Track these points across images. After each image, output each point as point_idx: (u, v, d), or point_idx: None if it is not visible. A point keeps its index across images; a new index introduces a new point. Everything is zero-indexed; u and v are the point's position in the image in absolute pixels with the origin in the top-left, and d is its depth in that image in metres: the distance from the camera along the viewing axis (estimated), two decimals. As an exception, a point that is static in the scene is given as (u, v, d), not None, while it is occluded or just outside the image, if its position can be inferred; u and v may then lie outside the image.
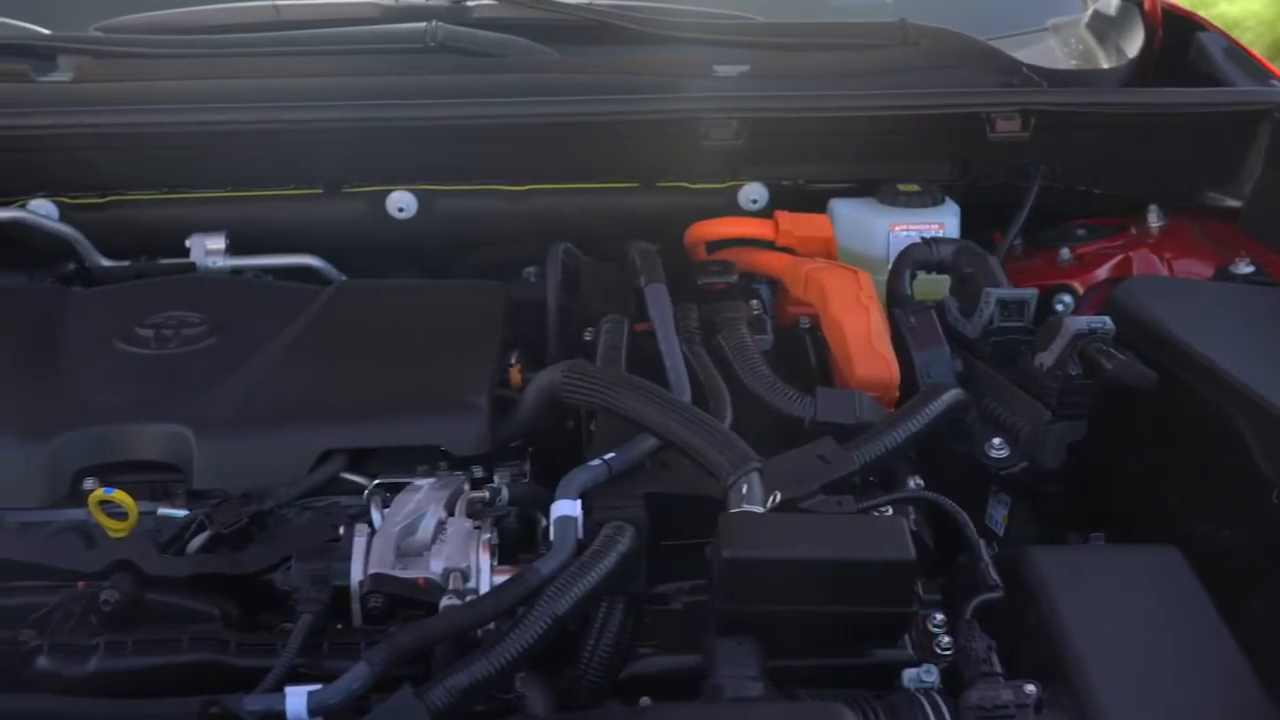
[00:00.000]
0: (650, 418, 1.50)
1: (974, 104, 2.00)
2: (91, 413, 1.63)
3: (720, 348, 1.77)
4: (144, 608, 1.45)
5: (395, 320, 1.85)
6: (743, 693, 1.32)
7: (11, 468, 1.58)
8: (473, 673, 1.27)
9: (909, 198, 2.05)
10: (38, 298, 1.94)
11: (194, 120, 2.00)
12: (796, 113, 2.00)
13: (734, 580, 1.33)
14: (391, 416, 1.63)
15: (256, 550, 1.51)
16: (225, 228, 2.08)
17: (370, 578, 1.43)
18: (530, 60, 2.20)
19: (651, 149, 2.06)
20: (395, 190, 2.10)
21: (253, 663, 1.37)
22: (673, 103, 2.02)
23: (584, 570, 1.34)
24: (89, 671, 1.36)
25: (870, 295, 1.80)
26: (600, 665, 1.38)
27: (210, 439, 1.60)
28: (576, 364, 1.63)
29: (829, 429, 1.63)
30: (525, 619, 1.30)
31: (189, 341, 1.78)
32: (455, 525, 1.50)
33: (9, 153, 2.04)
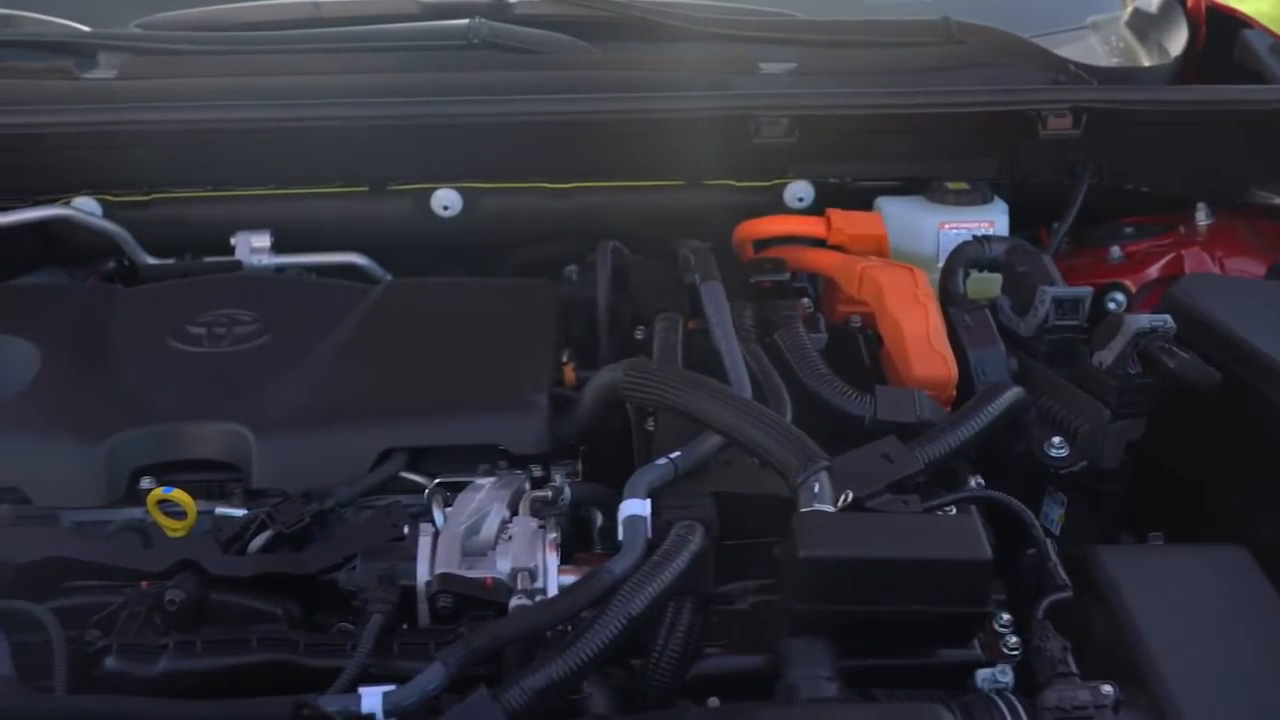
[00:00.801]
0: (716, 416, 1.48)
1: (1025, 101, 1.99)
2: (148, 412, 1.62)
3: (777, 346, 1.76)
4: (207, 607, 1.44)
5: (447, 318, 1.84)
6: (818, 693, 1.31)
7: (69, 467, 1.57)
8: (549, 673, 1.26)
9: (958, 195, 2.04)
10: (86, 296, 1.92)
11: (240, 117, 1.99)
12: (849, 110, 1.98)
13: (809, 580, 1.32)
14: (451, 415, 1.63)
15: (318, 550, 1.50)
16: (270, 225, 2.07)
17: (438, 578, 1.42)
18: (573, 57, 2.19)
19: (698, 146, 2.05)
20: (440, 188, 2.09)
21: (321, 663, 1.37)
22: (723, 99, 2.01)
23: (657, 570, 1.33)
24: (158, 672, 1.35)
25: (927, 293, 1.79)
26: (670, 665, 1.37)
27: (269, 438, 1.59)
28: (638, 362, 1.62)
29: (890, 428, 1.62)
30: (600, 619, 1.29)
31: (241, 340, 1.77)
32: (520, 525, 1.49)
33: (53, 150, 2.02)
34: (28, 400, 1.65)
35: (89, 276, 2.16)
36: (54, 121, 1.99)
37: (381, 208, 2.11)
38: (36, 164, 2.04)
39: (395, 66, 2.17)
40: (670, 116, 2.00)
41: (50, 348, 1.74)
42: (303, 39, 2.21)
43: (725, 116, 1.98)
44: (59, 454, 1.58)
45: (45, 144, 2.01)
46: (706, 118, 2.00)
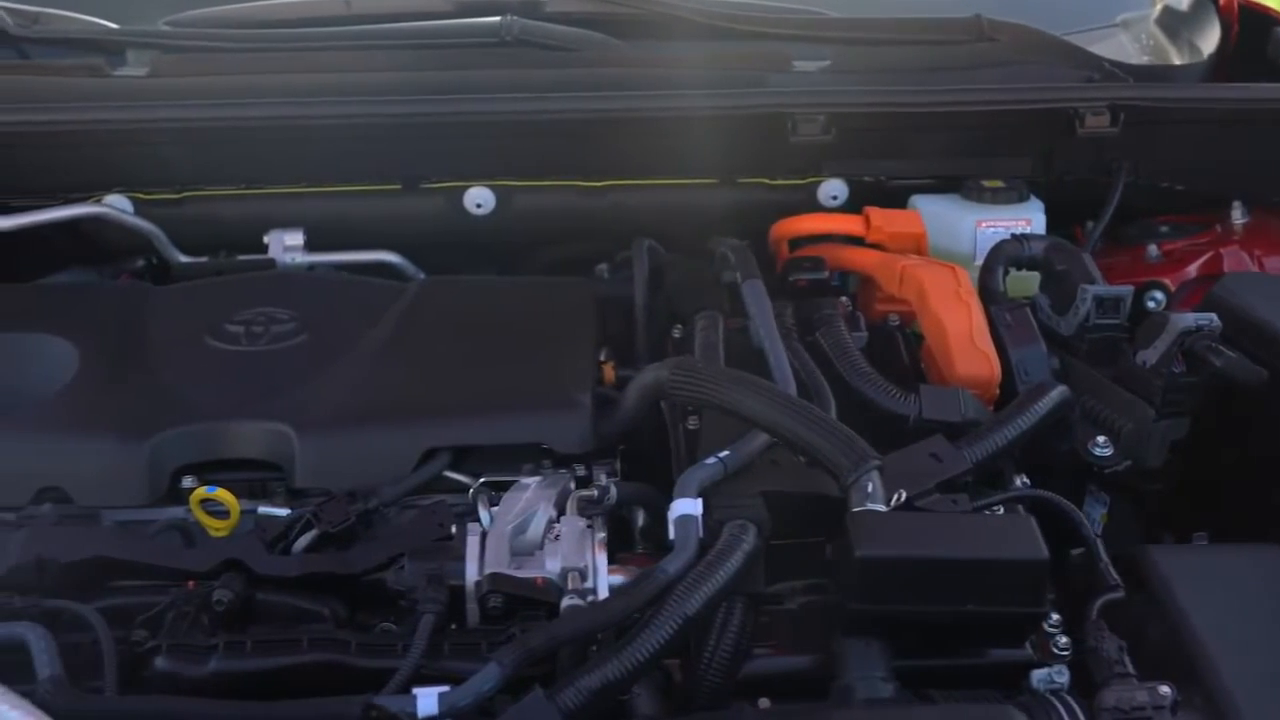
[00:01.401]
0: (765, 415, 1.48)
1: (1063, 99, 1.98)
2: (189, 411, 1.61)
3: (818, 345, 1.75)
4: (254, 607, 1.44)
5: (486, 317, 1.83)
6: (874, 694, 1.31)
7: (112, 466, 1.56)
8: (605, 674, 1.25)
9: (995, 194, 2.03)
10: (120, 294, 1.91)
11: (273, 115, 1.98)
12: (886, 107, 1.98)
13: (866, 580, 1.31)
14: (495, 414, 1.62)
15: (363, 549, 1.50)
16: (302, 223, 2.06)
17: (488, 577, 1.41)
18: (605, 54, 2.18)
19: (733, 144, 2.04)
20: (473, 186, 2.08)
21: (372, 663, 1.36)
22: (759, 97, 2.00)
23: (711, 570, 1.32)
24: (208, 672, 1.34)
25: (970, 291, 1.78)
26: (721, 666, 1.36)
27: (312, 437, 1.58)
28: (683, 361, 1.61)
29: (934, 427, 1.61)
30: (655, 620, 1.28)
31: (280, 338, 1.76)
32: (569, 524, 1.48)
33: (85, 147, 2.02)
34: (68, 399, 1.64)
35: (118, 275, 2.15)
36: (86, 119, 1.99)
37: (414, 206, 2.10)
38: (68, 162, 2.03)
39: (426, 64, 2.16)
40: (705, 114, 1.99)
41: (87, 346, 1.73)
42: (333, 36, 2.19)
43: (761, 114, 1.97)
44: (101, 453, 1.57)
45: (77, 142, 2.00)
46: (742, 115, 1.98)
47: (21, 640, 1.34)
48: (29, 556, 1.44)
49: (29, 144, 2.00)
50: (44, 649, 1.32)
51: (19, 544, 1.46)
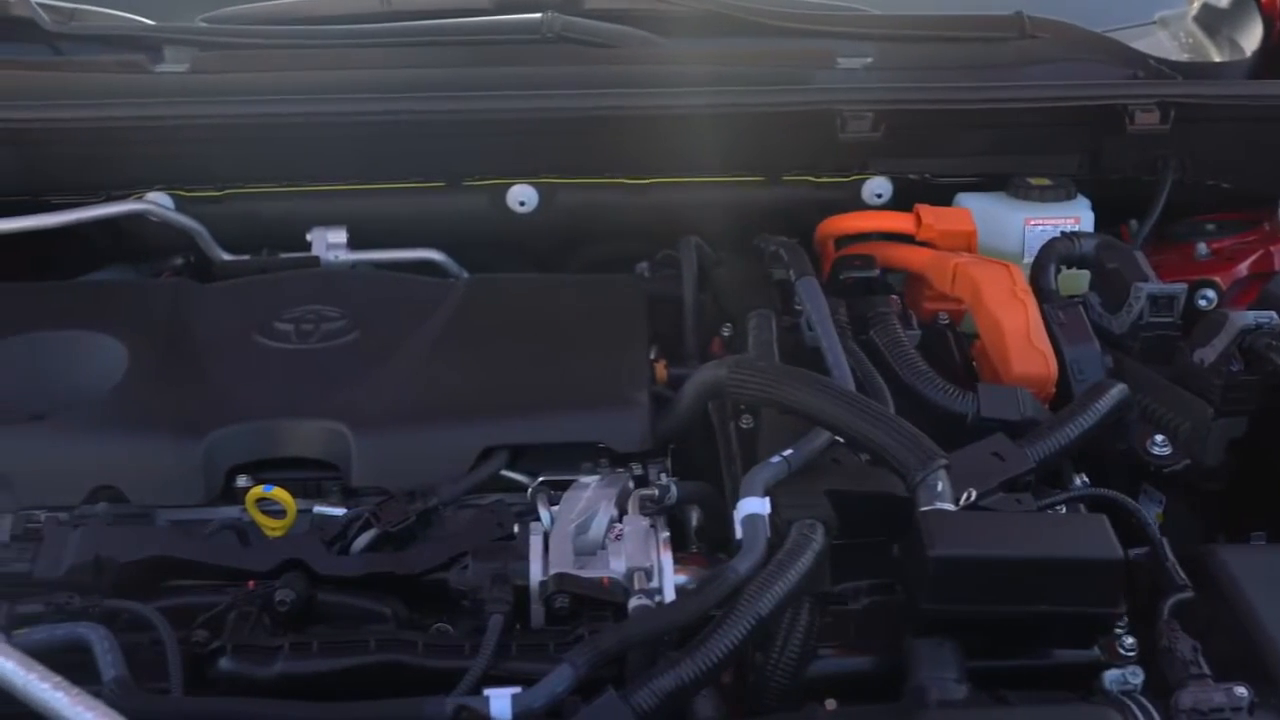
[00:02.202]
0: (829, 413, 1.46)
1: (1113, 96, 1.97)
2: (243, 409, 1.60)
3: (872, 343, 1.74)
4: (314, 607, 1.42)
5: (536, 315, 1.82)
6: (947, 695, 1.29)
7: (167, 465, 1.55)
8: (679, 674, 1.23)
9: (1042, 192, 2.02)
10: (165, 292, 1.89)
11: (317, 111, 1.97)
12: (936, 104, 1.96)
13: (940, 580, 1.29)
14: (553, 413, 1.60)
15: (423, 549, 1.48)
16: (345, 221, 2.05)
17: (553, 578, 1.39)
18: (647, 52, 2.17)
19: (779, 141, 2.03)
20: (516, 184, 2.07)
21: (439, 664, 1.34)
22: (807, 94, 1.99)
23: (782, 569, 1.31)
24: (275, 673, 1.32)
25: (1025, 289, 1.77)
26: (788, 667, 1.35)
27: (368, 436, 1.56)
28: (743, 359, 1.60)
29: (993, 426, 1.60)
30: (728, 620, 1.27)
31: (330, 336, 1.75)
32: (632, 524, 1.47)
33: (127, 144, 2.00)
34: (120, 398, 1.63)
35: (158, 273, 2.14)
36: (129, 116, 1.97)
37: (457, 203, 2.09)
38: (110, 159, 2.02)
39: (467, 60, 2.15)
40: (752, 111, 1.97)
41: (135, 344, 1.72)
42: (373, 33, 2.18)
43: (809, 111, 1.96)
44: (156, 452, 1.56)
45: (119, 139, 1.99)
46: (790, 112, 1.97)
47: (84, 641, 1.32)
48: (87, 556, 1.43)
49: (71, 141, 1.99)
50: (107, 650, 1.31)
51: (76, 543, 1.44)
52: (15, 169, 2.02)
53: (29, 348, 1.73)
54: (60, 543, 1.45)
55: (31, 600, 1.38)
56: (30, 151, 2.01)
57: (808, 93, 2.00)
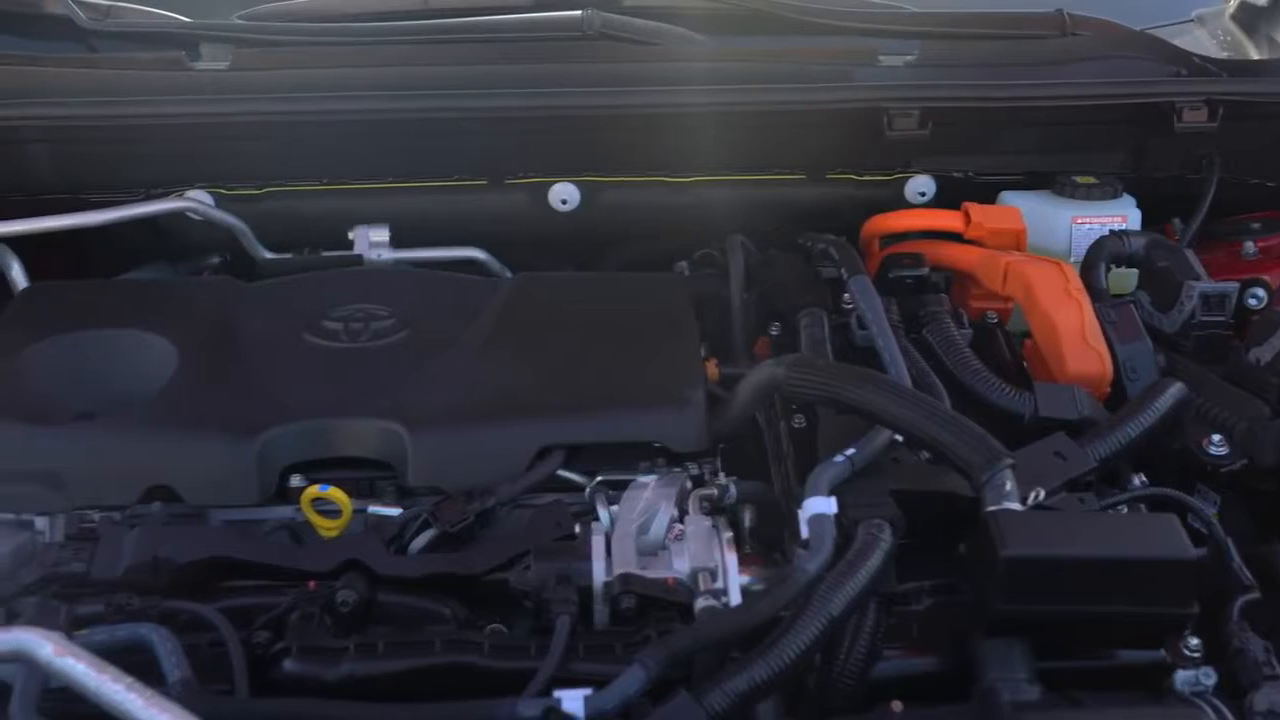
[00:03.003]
0: (892, 412, 1.45)
1: (1161, 94, 1.95)
2: (296, 408, 1.59)
3: (924, 341, 1.73)
4: (375, 608, 1.41)
5: (585, 313, 1.80)
6: (1019, 696, 1.28)
7: (222, 465, 1.54)
8: (751, 676, 1.23)
9: (1089, 190, 2.01)
10: (211, 290, 1.88)
11: (359, 109, 1.95)
12: (984, 102, 1.95)
13: (1012, 580, 1.28)
14: (609, 412, 1.59)
15: (482, 549, 1.47)
16: (385, 219, 2.03)
17: (619, 578, 1.38)
18: (688, 49, 2.15)
19: (824, 139, 2.02)
20: (558, 182, 2.06)
21: (505, 665, 1.33)
22: (853, 91, 1.97)
23: (852, 569, 1.30)
24: (341, 674, 1.31)
25: (1079, 288, 1.76)
26: (856, 668, 1.34)
27: (424, 435, 1.55)
28: (801, 358, 1.59)
29: (1050, 425, 1.59)
30: (800, 620, 1.26)
31: (380, 335, 1.73)
32: (694, 523, 1.46)
33: (168, 142, 1.99)
34: (171, 397, 1.62)
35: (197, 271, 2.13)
36: (169, 113, 1.96)
37: (498, 201, 2.08)
38: (150, 156, 2.01)
39: (506, 57, 2.13)
40: (797, 109, 1.96)
41: (184, 343, 1.70)
42: (412, 30, 2.16)
43: (855, 109, 1.94)
44: (210, 452, 1.54)
45: (160, 136, 1.98)
46: (836, 110, 1.96)
47: (145, 642, 1.31)
48: (145, 556, 1.42)
49: (110, 139, 1.97)
50: (170, 651, 1.30)
51: (133, 543, 1.43)
52: (53, 166, 2.01)
53: (75, 346, 1.71)
54: (116, 543, 1.44)
55: (91, 601, 1.37)
56: (69, 149, 2.00)
57: (854, 90, 1.99)
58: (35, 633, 1.18)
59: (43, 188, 2.02)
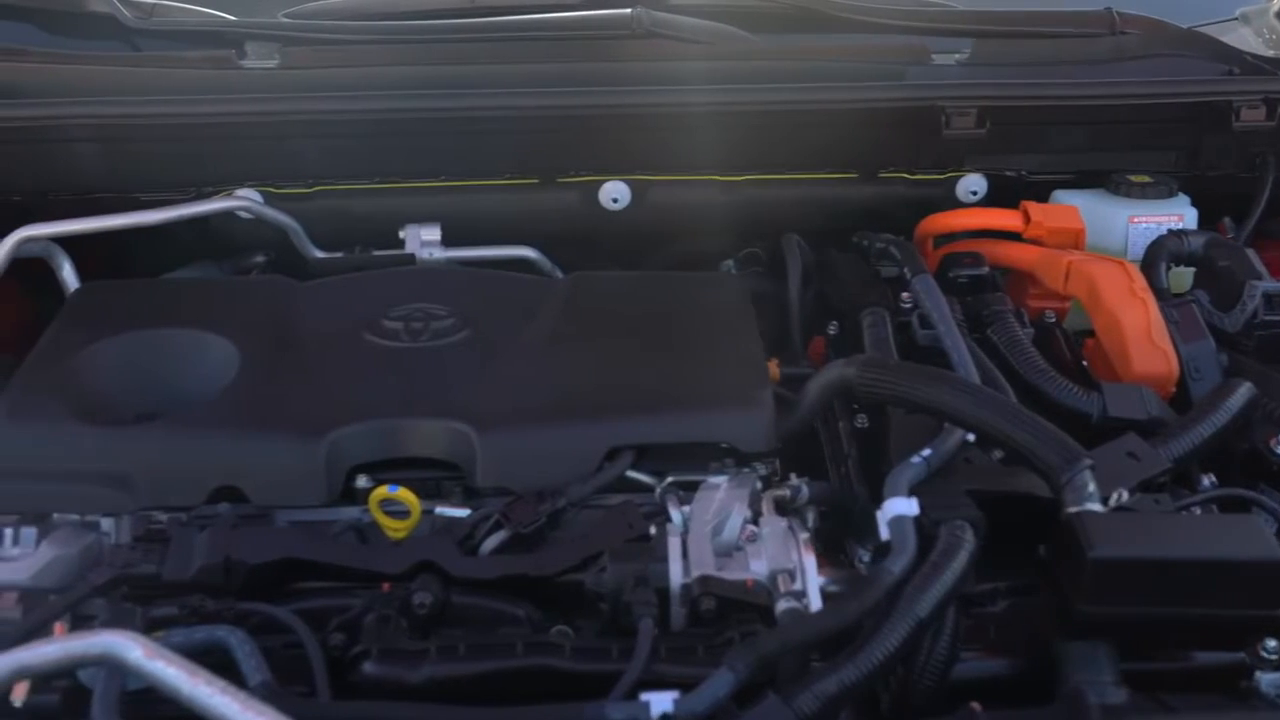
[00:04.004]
0: (968, 412, 1.44)
1: (1218, 92, 1.95)
2: (362, 408, 1.57)
3: (989, 341, 1.72)
4: (449, 610, 1.40)
5: (644, 312, 1.79)
6: (1106, 699, 1.28)
7: (290, 466, 1.52)
8: (841, 678, 1.22)
9: (1144, 189, 2.00)
10: (266, 289, 1.87)
11: (410, 107, 1.95)
12: (1040, 101, 1.94)
13: (1099, 581, 1.27)
14: (679, 412, 1.58)
15: (554, 550, 1.46)
16: (435, 218, 2.02)
17: (698, 580, 1.37)
18: (738, 47, 2.14)
19: (878, 138, 2.01)
20: (609, 180, 2.05)
21: (587, 667, 1.32)
22: (910, 90, 1.96)
23: (938, 571, 1.29)
24: (423, 677, 1.30)
25: (1144, 287, 1.75)
26: (936, 669, 1.33)
27: (493, 436, 1.54)
28: (871, 358, 1.59)
29: (1118, 425, 1.58)
30: (889, 622, 1.25)
31: (441, 334, 1.72)
32: (770, 524, 1.45)
33: (218, 141, 1.98)
34: (236, 398, 1.60)
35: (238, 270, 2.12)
36: (220, 111, 1.95)
37: (549, 200, 2.07)
38: (200, 155, 2.00)
39: (554, 56, 2.12)
40: (853, 107, 1.95)
41: (244, 342, 1.69)
42: (460, 28, 2.15)
43: (913, 108, 1.93)
44: (278, 453, 1.53)
45: (210, 134, 1.97)
46: (892, 108, 1.95)
47: (222, 644, 1.30)
48: (217, 558, 1.40)
49: (160, 137, 1.97)
50: (250, 653, 1.29)
51: (204, 545, 1.42)
52: (102, 165, 2.00)
53: (134, 346, 1.70)
54: (187, 544, 1.42)
55: (163, 603, 1.36)
56: (118, 148, 1.98)
57: (910, 89, 1.98)
58: (124, 635, 1.17)
59: (90, 186, 2.01)
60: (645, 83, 2.02)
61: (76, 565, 1.47)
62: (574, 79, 2.03)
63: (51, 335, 1.73)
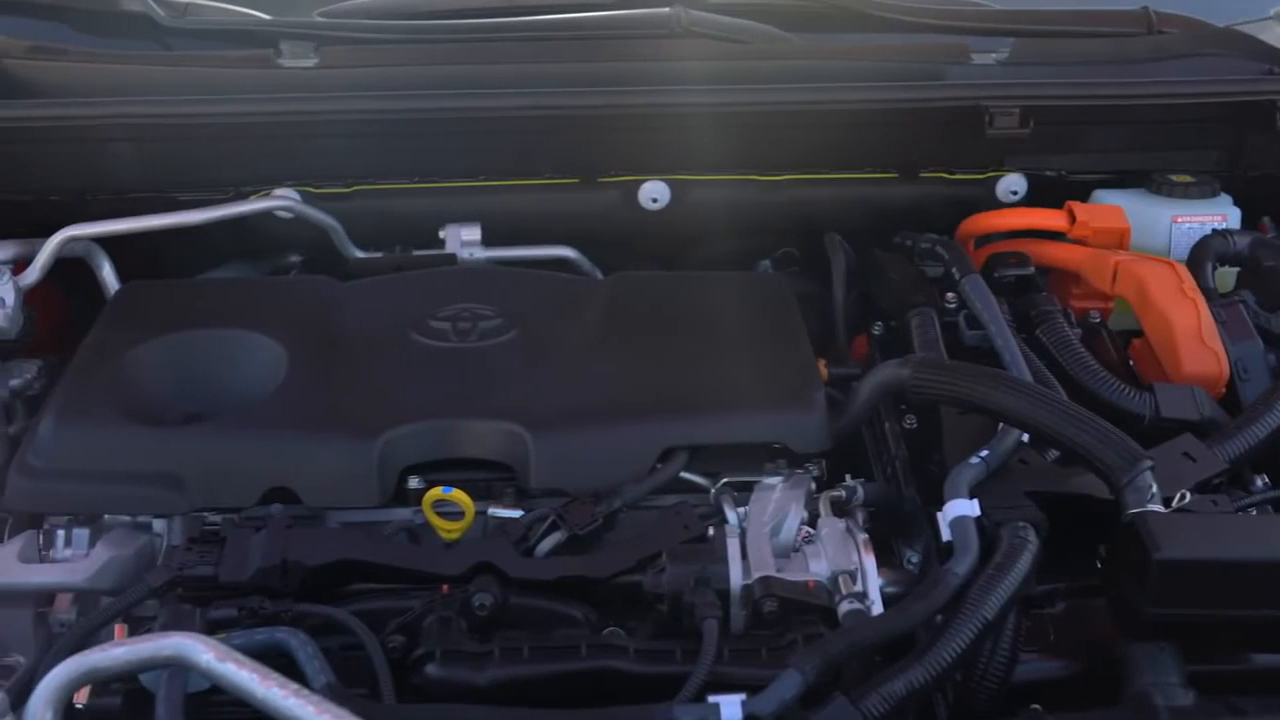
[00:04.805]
0: (1026, 413, 1.44)
1: (1263, 92, 1.94)
2: (414, 409, 1.57)
3: (1038, 341, 1.72)
4: (508, 611, 1.39)
5: (690, 313, 1.78)
6: (1173, 701, 1.27)
7: (343, 467, 1.52)
8: (909, 679, 1.21)
9: (1187, 189, 1.99)
10: (310, 289, 1.86)
11: (452, 106, 1.93)
12: (1084, 100, 1.93)
13: (1165, 583, 1.27)
14: (732, 412, 1.57)
15: (610, 552, 1.45)
16: (475, 218, 2.02)
17: (760, 581, 1.36)
18: (777, 47, 2.13)
19: (921, 138, 2.00)
20: (649, 180, 2.04)
21: (651, 669, 1.32)
22: (953, 89, 1.96)
23: (1003, 572, 1.29)
24: (488, 679, 1.29)
25: (1193, 287, 1.75)
26: (999, 671, 1.33)
27: (546, 437, 1.53)
28: (926, 358, 1.58)
29: (1171, 426, 1.58)
30: (955, 623, 1.25)
31: (488, 335, 1.72)
32: (829, 525, 1.44)
33: (257, 140, 1.97)
34: (287, 398, 1.60)
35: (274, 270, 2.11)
36: (260, 111, 1.94)
37: (588, 200, 2.06)
38: (240, 155, 1.98)
39: (593, 55, 2.11)
40: (897, 107, 1.95)
41: (292, 343, 1.69)
42: (499, 27, 2.14)
43: (956, 107, 1.93)
44: (331, 454, 1.52)
45: (249, 134, 1.95)
46: (935, 108, 1.94)
47: (283, 646, 1.30)
48: (273, 559, 1.40)
49: (199, 137, 1.95)
50: (312, 655, 1.29)
51: (261, 546, 1.41)
52: (141, 165, 1.99)
53: (181, 347, 1.69)
54: (243, 545, 1.42)
55: (223, 605, 1.36)
56: (157, 148, 1.97)
57: (954, 88, 1.97)
58: (193, 638, 1.17)
59: (129, 186, 2.00)
60: (684, 82, 2.01)
61: (132, 567, 1.47)
62: (612, 78, 2.02)
63: (96, 336, 1.73)
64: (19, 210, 1.97)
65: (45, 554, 1.49)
